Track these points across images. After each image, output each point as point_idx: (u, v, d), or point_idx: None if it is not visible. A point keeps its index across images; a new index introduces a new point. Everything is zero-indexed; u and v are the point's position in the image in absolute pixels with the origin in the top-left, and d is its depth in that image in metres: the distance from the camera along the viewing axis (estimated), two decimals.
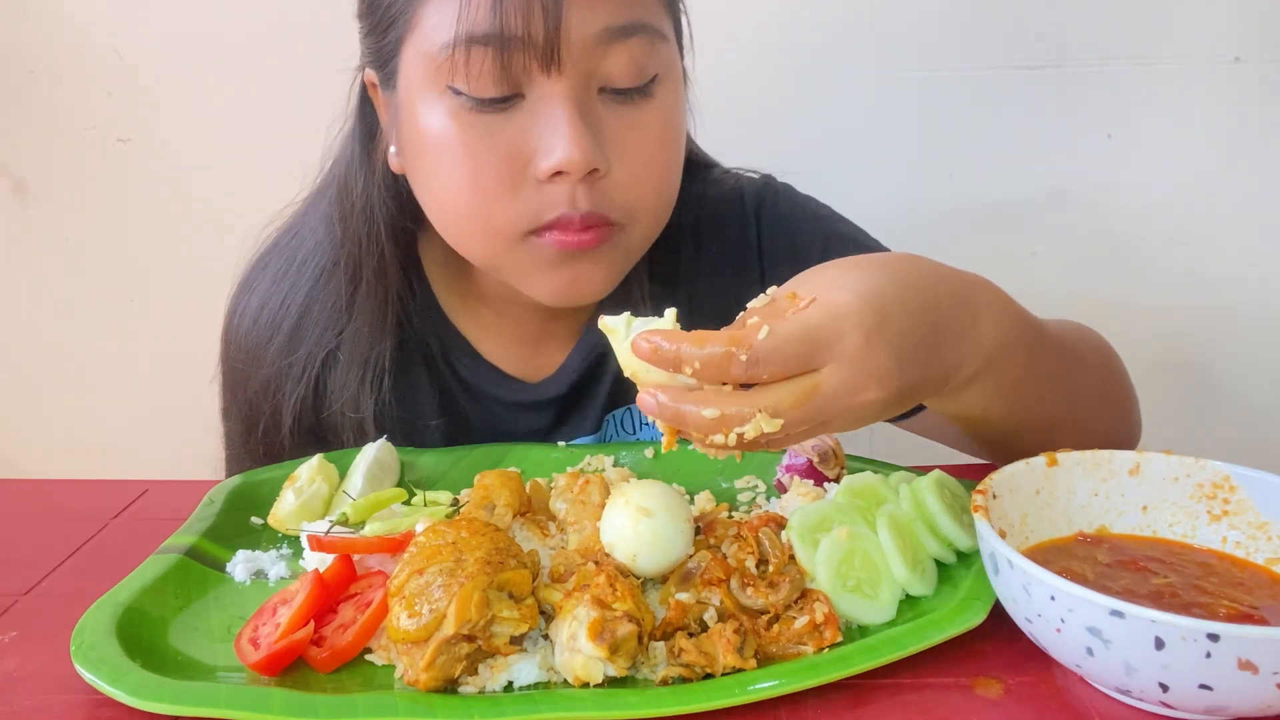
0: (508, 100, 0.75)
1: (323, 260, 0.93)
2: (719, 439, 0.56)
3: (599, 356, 0.92)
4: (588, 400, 0.95)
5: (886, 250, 0.92)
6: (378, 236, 0.90)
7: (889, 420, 0.88)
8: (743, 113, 1.38)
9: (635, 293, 0.90)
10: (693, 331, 0.56)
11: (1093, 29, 1.37)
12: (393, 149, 0.85)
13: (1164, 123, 1.40)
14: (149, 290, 1.57)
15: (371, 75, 0.85)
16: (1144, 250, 1.45)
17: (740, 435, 0.55)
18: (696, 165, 0.98)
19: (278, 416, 0.93)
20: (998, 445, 0.81)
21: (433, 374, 0.95)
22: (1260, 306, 1.45)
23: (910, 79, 1.41)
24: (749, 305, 0.60)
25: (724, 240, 0.97)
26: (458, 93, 0.75)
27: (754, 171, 1.01)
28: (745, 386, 0.57)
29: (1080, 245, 1.46)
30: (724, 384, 0.56)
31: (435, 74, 0.75)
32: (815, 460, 0.77)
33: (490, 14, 0.72)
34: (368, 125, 0.89)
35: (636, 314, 0.60)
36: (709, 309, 0.66)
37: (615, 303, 0.84)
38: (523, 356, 0.95)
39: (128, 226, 1.54)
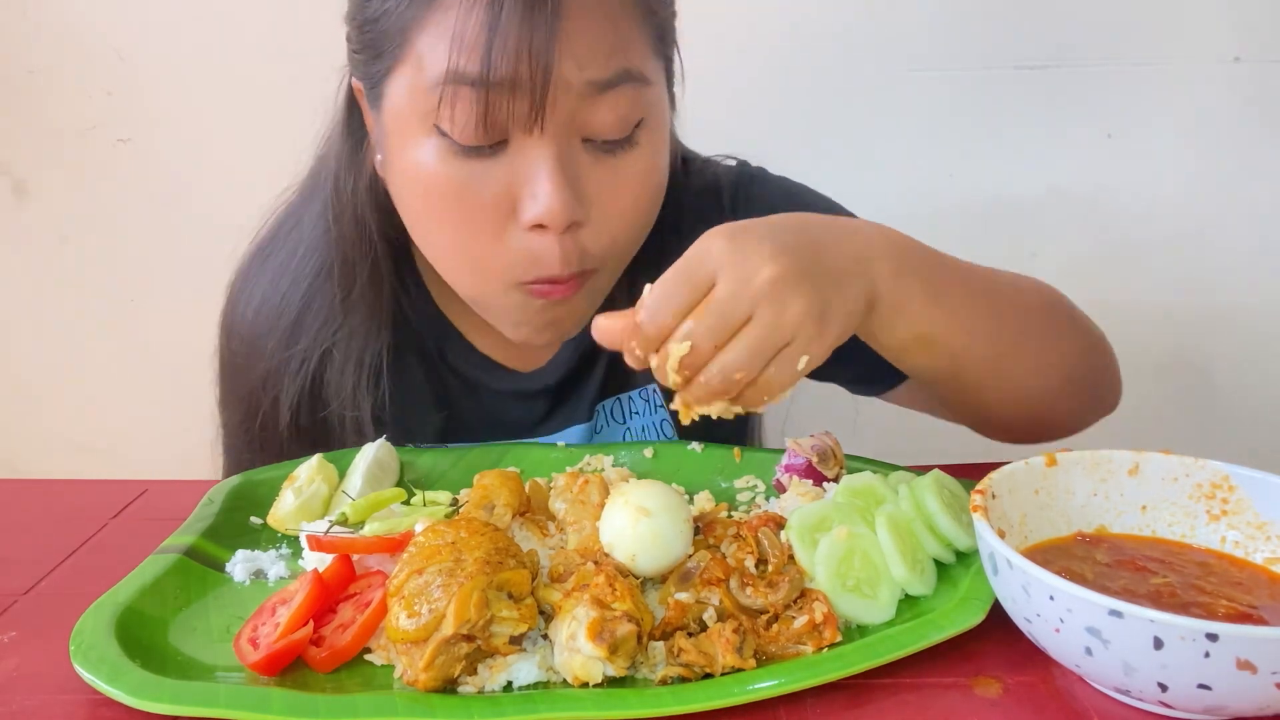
0: (493, 146, 0.75)
1: (320, 257, 0.93)
2: (653, 360, 0.62)
3: (591, 347, 0.92)
4: (579, 390, 0.96)
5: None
6: (370, 240, 0.90)
7: (869, 394, 0.87)
8: (743, 112, 1.38)
9: (619, 303, 0.89)
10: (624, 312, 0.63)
11: (1093, 29, 1.37)
12: (379, 157, 0.84)
13: (1164, 123, 1.40)
14: (148, 290, 1.57)
15: (359, 84, 0.84)
16: (1144, 250, 1.45)
17: (665, 359, 0.60)
18: (676, 161, 0.98)
19: (276, 410, 0.93)
20: (949, 388, 0.79)
21: (428, 367, 0.96)
22: (1260, 307, 1.45)
23: (910, 78, 1.41)
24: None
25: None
26: (444, 134, 0.75)
27: (731, 158, 1.01)
28: None
29: (1080, 245, 1.46)
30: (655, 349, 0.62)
31: (423, 113, 0.75)
32: (815, 460, 0.77)
33: (479, 62, 0.71)
34: (355, 128, 0.89)
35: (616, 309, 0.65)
36: None
37: (604, 307, 0.84)
38: (515, 348, 0.96)
39: (127, 226, 1.54)
